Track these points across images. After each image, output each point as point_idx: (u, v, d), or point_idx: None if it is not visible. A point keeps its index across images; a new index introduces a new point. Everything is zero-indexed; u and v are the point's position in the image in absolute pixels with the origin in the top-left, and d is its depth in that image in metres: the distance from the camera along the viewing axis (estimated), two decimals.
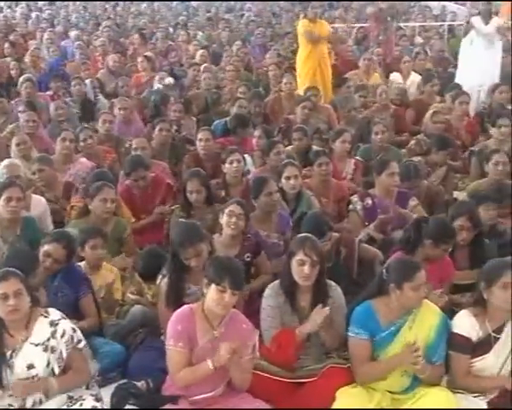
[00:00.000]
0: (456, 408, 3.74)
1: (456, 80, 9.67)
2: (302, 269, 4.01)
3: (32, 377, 3.64)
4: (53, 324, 3.71)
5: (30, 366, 3.66)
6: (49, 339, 3.69)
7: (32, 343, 3.68)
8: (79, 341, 3.77)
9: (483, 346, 3.86)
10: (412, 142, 7.45)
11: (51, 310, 3.78)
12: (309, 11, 10.06)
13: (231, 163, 6.06)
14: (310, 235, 4.26)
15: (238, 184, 6.10)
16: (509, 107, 8.19)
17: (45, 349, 3.68)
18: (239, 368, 3.71)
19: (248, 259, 4.86)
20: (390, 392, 3.91)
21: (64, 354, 3.69)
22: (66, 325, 3.74)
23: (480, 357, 3.86)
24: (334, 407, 3.82)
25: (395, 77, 10.56)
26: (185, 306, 3.88)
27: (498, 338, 3.85)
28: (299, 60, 10.14)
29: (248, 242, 4.91)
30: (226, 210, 4.84)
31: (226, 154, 6.17)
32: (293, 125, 7.67)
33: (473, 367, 3.88)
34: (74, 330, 3.76)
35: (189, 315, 3.78)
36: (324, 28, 10.03)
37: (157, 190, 6.06)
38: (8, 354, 3.65)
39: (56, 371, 3.70)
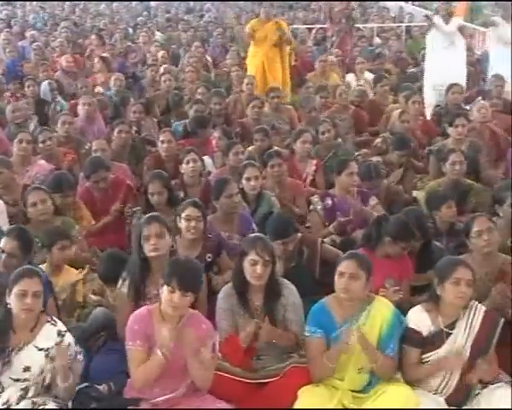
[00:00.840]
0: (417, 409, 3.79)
1: (425, 79, 9.79)
2: (254, 269, 4.03)
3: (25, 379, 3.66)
4: (60, 334, 3.75)
5: (26, 369, 3.67)
6: (52, 347, 3.69)
7: (35, 347, 3.70)
8: (79, 352, 3.82)
9: (435, 341, 3.92)
10: (378, 140, 7.52)
11: (57, 319, 3.81)
12: (261, 11, 10.11)
13: (188, 163, 6.05)
14: (261, 235, 4.33)
15: (196, 185, 6.09)
16: (466, 106, 8.31)
17: (46, 356, 3.70)
18: (198, 365, 3.70)
19: (210, 259, 4.86)
20: (351, 390, 3.94)
21: None
22: (70, 337, 3.78)
23: (433, 352, 3.92)
24: (295, 406, 3.84)
25: (350, 78, 10.66)
26: (143, 307, 3.89)
27: (450, 334, 3.92)
28: (248, 59, 10.22)
29: (209, 242, 4.90)
30: (183, 214, 4.80)
31: (183, 154, 6.16)
32: (248, 126, 7.71)
33: (426, 363, 3.94)
34: (75, 343, 3.79)
35: (147, 316, 3.79)
36: (275, 29, 10.05)
37: (117, 191, 6.01)
38: (7, 350, 3.64)
39: (47, 380, 3.71)
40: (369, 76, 10.52)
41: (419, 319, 3.97)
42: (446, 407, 3.85)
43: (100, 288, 4.84)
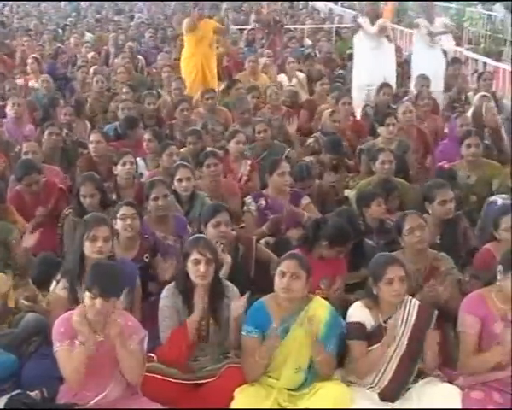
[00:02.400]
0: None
1: (353, 80, 9.92)
2: (198, 268, 4.04)
3: None
4: None
5: None
6: None
7: None
8: None
9: (376, 336, 3.99)
10: (310, 140, 7.59)
11: None
12: (195, 11, 10.10)
13: (124, 165, 6.00)
14: (203, 235, 4.37)
15: (130, 187, 6.04)
16: (394, 106, 8.47)
17: None
18: (128, 355, 3.69)
19: (147, 259, 4.84)
20: (287, 389, 3.98)
21: None
22: None
23: (373, 346, 3.99)
24: (232, 406, 3.85)
25: (281, 78, 10.75)
26: (67, 312, 3.85)
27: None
28: (183, 60, 10.19)
29: (146, 242, 4.90)
30: (118, 214, 4.79)
31: (118, 156, 6.11)
32: (176, 129, 7.73)
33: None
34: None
35: (71, 320, 3.76)
36: (210, 28, 10.05)
37: (49, 194, 5.92)
38: None
39: None
40: (301, 75, 10.62)
41: (361, 315, 4.04)
42: (379, 401, 3.91)
43: (32, 293, 4.76)
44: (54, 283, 4.33)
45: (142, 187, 5.87)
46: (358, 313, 4.06)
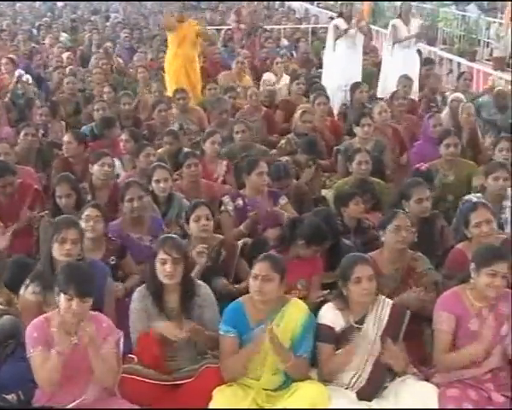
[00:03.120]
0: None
1: (323, 81, 9.96)
2: (165, 268, 4.05)
3: None
4: None
5: None
6: None
7: None
8: None
9: (346, 337, 4.01)
10: (282, 141, 7.60)
11: None
12: (176, 13, 10.07)
13: (102, 166, 5.98)
14: (171, 235, 4.36)
15: (105, 188, 6.01)
16: (370, 106, 8.51)
17: None
18: (102, 361, 3.68)
19: (113, 262, 4.83)
20: (265, 389, 3.98)
21: None
22: None
23: (345, 348, 3.99)
24: (210, 406, 3.85)
25: (268, 77, 10.73)
26: (40, 316, 3.83)
27: (360, 328, 4.02)
28: (167, 61, 10.16)
29: (113, 244, 4.88)
30: (83, 215, 4.79)
31: (96, 156, 6.08)
32: (154, 129, 7.72)
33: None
34: None
35: (45, 324, 3.74)
36: (193, 29, 10.06)
37: (24, 196, 5.87)
38: None
39: None
40: (287, 77, 10.64)
41: (332, 316, 4.05)
42: (357, 401, 3.92)
43: (7, 297, 4.72)
44: (23, 286, 4.29)
45: (117, 188, 5.88)
46: (329, 314, 4.07)
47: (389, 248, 4.61)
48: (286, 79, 10.58)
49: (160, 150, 6.97)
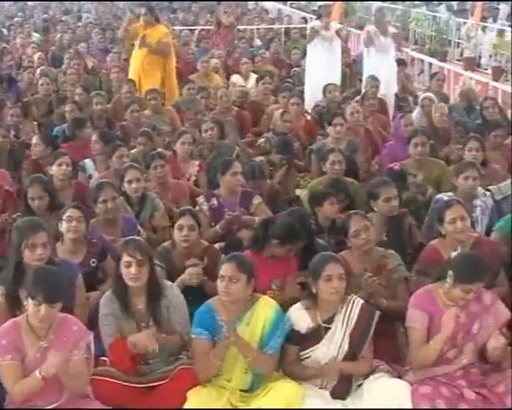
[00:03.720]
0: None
1: (306, 82, 9.99)
2: (129, 270, 4.04)
3: None
4: None
5: None
6: None
7: None
8: None
9: (314, 336, 4.03)
10: (261, 140, 7.61)
11: None
12: (146, 17, 10.03)
13: (60, 165, 5.93)
14: (134, 237, 4.37)
15: (66, 188, 5.97)
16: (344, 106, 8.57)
17: None
18: (70, 374, 3.66)
19: (94, 264, 4.80)
20: (239, 390, 3.99)
21: None
22: None
23: (312, 347, 4.03)
24: (185, 407, 3.85)
25: (236, 79, 10.77)
26: (9, 320, 3.80)
27: (329, 328, 4.03)
28: (132, 62, 10.11)
29: (93, 247, 4.85)
30: (64, 216, 4.74)
31: (54, 157, 6.05)
32: (127, 130, 7.70)
33: (308, 358, 4.04)
34: None
35: (13, 329, 3.71)
36: (160, 32, 10.02)
37: None
38: None
39: None
40: (255, 77, 10.67)
41: (298, 316, 4.06)
42: (331, 400, 3.95)
43: None
44: None
45: (82, 188, 5.92)
46: (296, 315, 4.08)
47: (356, 250, 4.64)
48: (254, 79, 10.61)
49: (133, 151, 6.95)
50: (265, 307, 4.04)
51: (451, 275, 3.96)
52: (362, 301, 4.12)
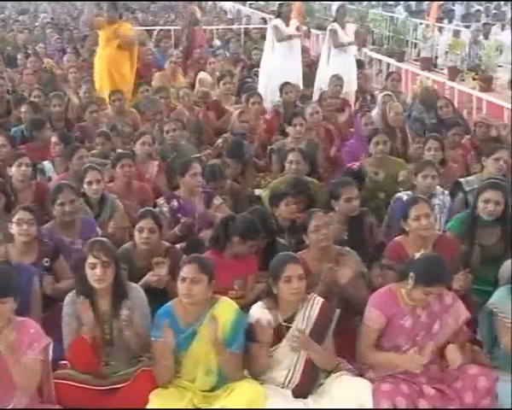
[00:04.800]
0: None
1: (261, 81, 10.01)
2: (94, 272, 4.02)
3: None
4: None
5: None
6: None
7: None
8: None
9: (276, 336, 4.04)
10: (219, 140, 7.61)
11: None
12: (105, 15, 9.97)
13: (19, 166, 5.86)
14: (100, 238, 4.35)
15: (26, 189, 5.91)
16: (302, 106, 8.61)
17: None
18: (22, 369, 3.63)
19: (47, 264, 4.76)
20: (201, 390, 3.99)
21: None
22: None
23: (274, 347, 4.04)
24: (147, 409, 3.83)
25: (205, 76, 10.72)
26: None
27: (290, 327, 4.05)
28: (96, 62, 10.05)
29: (45, 247, 4.80)
30: (14, 219, 4.70)
31: (13, 157, 5.98)
32: (87, 130, 7.64)
33: (270, 357, 4.05)
34: None
35: None
36: (126, 27, 9.96)
37: None
38: None
39: None
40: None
41: (260, 315, 4.07)
42: (293, 399, 3.96)
43: None
44: None
45: (42, 189, 5.85)
46: (257, 314, 4.09)
47: (314, 247, 4.67)
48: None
49: (92, 152, 6.90)
50: (225, 309, 4.04)
51: (412, 277, 4.01)
52: (322, 300, 4.14)
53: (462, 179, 5.90)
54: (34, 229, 4.73)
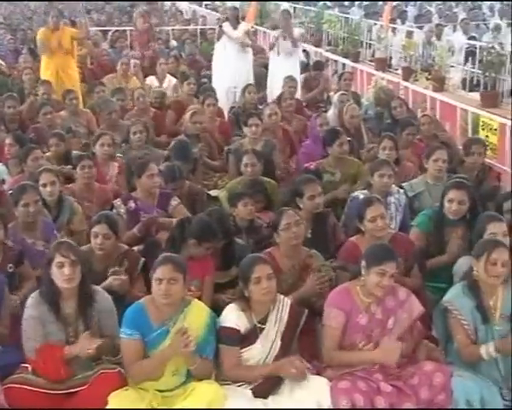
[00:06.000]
0: None
1: (213, 83, 10.02)
2: (63, 271, 3.99)
3: None
4: None
5: None
6: None
7: None
8: None
9: (250, 337, 4.08)
10: (173, 142, 7.58)
11: None
12: (49, 20, 9.89)
13: None
14: (66, 239, 4.32)
15: None
16: (260, 106, 8.65)
17: None
18: None
19: (11, 269, 4.69)
20: (161, 391, 3.98)
21: None
22: None
23: (248, 347, 4.07)
24: None
25: (151, 80, 10.71)
26: None
27: (263, 328, 4.10)
28: (43, 68, 9.96)
29: (10, 251, 4.74)
30: None
31: None
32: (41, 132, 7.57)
33: (241, 357, 4.08)
34: None
35: None
36: (66, 35, 9.87)
37: None
38: None
39: None
40: (171, 78, 10.63)
41: (236, 318, 4.09)
42: (253, 399, 3.97)
43: None
44: None
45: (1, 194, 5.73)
46: (233, 316, 4.11)
47: (284, 245, 4.71)
48: (170, 80, 10.60)
49: (47, 153, 6.83)
50: (199, 311, 4.05)
51: (364, 264, 4.09)
52: (289, 301, 4.19)
53: (405, 184, 6.00)
54: (1, 233, 4.67)
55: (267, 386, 4.04)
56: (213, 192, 6.73)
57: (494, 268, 4.11)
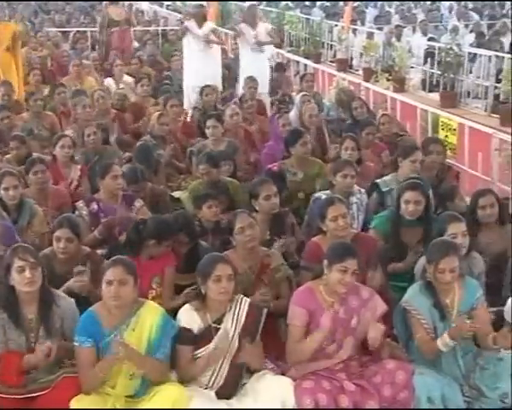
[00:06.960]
0: None
1: (184, 82, 9.99)
2: (23, 275, 3.95)
3: None
4: None
5: None
6: None
7: None
8: None
9: (205, 337, 4.07)
10: (137, 145, 7.54)
11: None
12: None
13: None
14: (22, 243, 4.29)
15: None
16: (222, 107, 8.65)
17: None
18: None
19: None
20: (124, 396, 3.96)
21: None
22: None
23: (204, 348, 4.06)
24: None
25: (107, 82, 10.64)
26: None
27: (219, 328, 4.09)
28: None
29: None
30: None
31: None
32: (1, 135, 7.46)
33: (198, 359, 4.07)
34: None
35: None
36: (7, 31, 9.71)
37: None
38: None
39: None
40: (129, 79, 10.59)
41: (189, 318, 4.09)
42: (216, 400, 3.98)
43: None
44: None
45: None
46: (186, 316, 4.11)
47: (240, 248, 4.72)
48: (127, 81, 10.55)
49: (7, 156, 6.75)
50: (151, 313, 4.02)
51: (326, 263, 4.13)
52: (248, 301, 4.19)
53: (379, 180, 6.04)
54: None
55: (230, 387, 4.05)
56: (176, 194, 6.71)
57: (442, 276, 4.17)
